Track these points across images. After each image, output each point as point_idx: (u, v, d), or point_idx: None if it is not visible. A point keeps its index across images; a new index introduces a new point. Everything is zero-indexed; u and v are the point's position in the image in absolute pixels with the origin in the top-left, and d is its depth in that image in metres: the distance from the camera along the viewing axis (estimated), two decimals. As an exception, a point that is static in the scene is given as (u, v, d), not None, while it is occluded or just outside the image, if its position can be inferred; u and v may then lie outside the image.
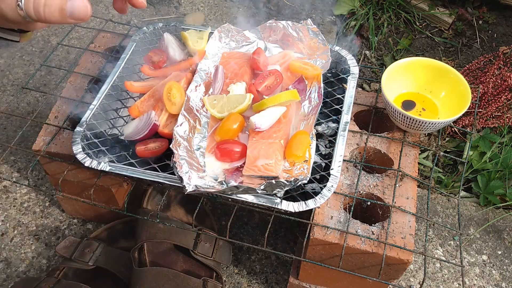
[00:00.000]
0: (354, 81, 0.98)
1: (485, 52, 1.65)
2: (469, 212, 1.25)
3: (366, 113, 1.02)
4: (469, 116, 1.30)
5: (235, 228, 1.19)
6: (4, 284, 1.09)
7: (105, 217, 1.15)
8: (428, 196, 0.88)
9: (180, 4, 1.81)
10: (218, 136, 0.86)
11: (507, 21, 1.76)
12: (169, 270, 0.94)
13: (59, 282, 0.95)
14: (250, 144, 0.83)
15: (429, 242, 1.19)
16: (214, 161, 0.84)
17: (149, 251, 0.98)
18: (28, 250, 1.15)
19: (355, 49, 1.67)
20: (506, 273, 1.14)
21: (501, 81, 1.32)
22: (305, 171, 0.80)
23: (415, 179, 0.89)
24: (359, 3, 1.77)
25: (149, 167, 0.85)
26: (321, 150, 0.92)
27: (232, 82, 0.94)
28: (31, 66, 1.57)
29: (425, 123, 0.89)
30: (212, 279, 0.98)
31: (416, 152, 0.94)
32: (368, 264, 0.83)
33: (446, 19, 1.72)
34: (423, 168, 1.31)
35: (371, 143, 0.95)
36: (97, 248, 1.01)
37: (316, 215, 0.84)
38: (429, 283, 1.12)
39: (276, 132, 0.85)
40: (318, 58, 1.01)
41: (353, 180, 0.89)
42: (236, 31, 1.05)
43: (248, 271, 1.12)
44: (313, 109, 0.91)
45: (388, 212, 0.84)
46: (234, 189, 0.76)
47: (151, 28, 1.09)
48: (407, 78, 0.99)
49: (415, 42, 1.71)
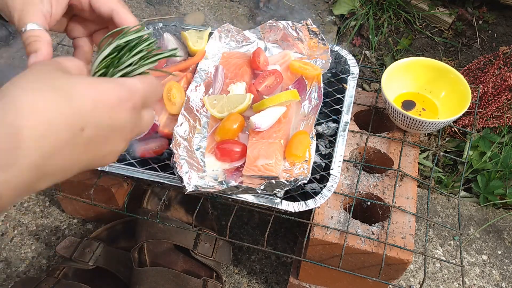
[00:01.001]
0: (354, 81, 0.98)
1: (485, 52, 1.65)
2: (469, 212, 1.25)
3: (366, 113, 1.02)
4: (469, 116, 1.30)
5: (235, 228, 1.19)
6: (4, 284, 1.09)
7: (105, 217, 1.15)
8: (428, 196, 0.88)
9: (180, 4, 1.81)
10: (218, 136, 0.86)
11: (507, 21, 1.76)
12: (169, 270, 0.94)
13: (59, 282, 0.95)
14: (250, 144, 0.83)
15: (429, 242, 1.19)
16: (214, 161, 0.84)
17: (149, 251, 0.98)
18: (28, 250, 1.15)
19: (355, 49, 1.67)
20: (506, 273, 1.14)
21: (501, 81, 1.32)
22: (305, 171, 0.80)
23: (415, 179, 0.89)
24: (359, 3, 1.77)
25: (149, 167, 0.85)
26: (321, 150, 0.92)
27: (232, 82, 0.94)
28: (31, 66, 1.57)
29: (425, 123, 0.88)
30: (212, 279, 0.98)
31: (416, 152, 0.94)
32: (368, 264, 0.83)
33: (446, 19, 1.72)
34: (423, 168, 1.31)
35: (371, 143, 0.95)
36: (97, 248, 1.01)
37: (316, 215, 0.84)
38: (429, 283, 1.12)
39: (276, 132, 0.85)
40: (318, 58, 1.01)
41: (353, 180, 0.89)
42: (236, 31, 1.05)
43: (248, 271, 1.12)
44: (313, 109, 0.91)
45: (388, 212, 0.84)
46: (234, 189, 0.76)
47: (151, 28, 1.09)
48: (407, 78, 0.99)
49: (415, 42, 1.71)
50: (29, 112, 0.37)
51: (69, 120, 0.39)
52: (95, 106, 0.41)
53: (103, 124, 0.43)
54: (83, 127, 0.41)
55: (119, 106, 0.44)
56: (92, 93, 0.42)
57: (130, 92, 0.45)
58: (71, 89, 0.40)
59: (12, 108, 0.36)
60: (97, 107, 0.42)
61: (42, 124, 0.37)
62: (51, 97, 0.39)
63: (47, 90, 0.39)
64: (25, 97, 0.37)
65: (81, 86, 0.41)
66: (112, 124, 0.44)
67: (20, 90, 0.38)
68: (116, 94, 0.44)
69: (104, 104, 0.42)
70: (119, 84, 0.45)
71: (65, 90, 0.40)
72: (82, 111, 0.40)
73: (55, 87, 0.40)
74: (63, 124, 0.39)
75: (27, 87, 0.39)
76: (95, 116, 0.42)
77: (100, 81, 0.44)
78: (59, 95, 0.39)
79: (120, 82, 0.45)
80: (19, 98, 0.37)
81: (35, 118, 0.37)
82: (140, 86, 0.47)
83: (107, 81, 0.45)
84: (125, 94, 0.45)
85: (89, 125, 0.41)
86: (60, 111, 0.38)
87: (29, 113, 0.37)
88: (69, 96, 0.40)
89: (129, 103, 0.45)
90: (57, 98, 0.39)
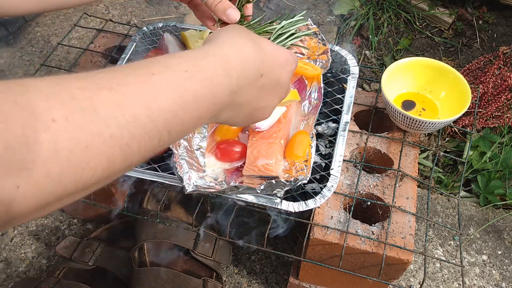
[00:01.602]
0: (354, 81, 0.98)
1: (485, 52, 1.65)
2: (469, 212, 1.25)
3: (366, 113, 1.02)
4: (469, 116, 1.30)
5: (235, 228, 1.19)
6: (4, 284, 1.09)
7: (105, 217, 1.15)
8: (428, 196, 0.88)
9: (180, 4, 1.81)
10: (218, 136, 0.86)
11: (507, 21, 1.76)
12: (169, 270, 0.94)
13: (59, 282, 0.95)
14: (250, 144, 0.83)
15: (429, 242, 1.19)
16: (214, 161, 0.84)
17: (149, 251, 0.98)
18: (28, 250, 1.15)
19: (355, 49, 1.67)
20: (506, 273, 1.14)
21: (501, 81, 1.32)
22: (305, 171, 0.80)
23: (415, 179, 0.89)
24: (359, 3, 1.77)
25: (149, 167, 0.85)
26: (321, 150, 0.92)
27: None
28: (31, 66, 1.57)
29: (425, 123, 0.88)
30: (212, 279, 0.98)
31: (416, 152, 0.94)
32: (368, 264, 0.83)
33: (446, 19, 1.72)
34: (423, 168, 1.31)
35: (371, 143, 0.95)
36: (97, 248, 1.01)
37: (316, 215, 0.84)
38: (429, 283, 1.12)
39: (276, 132, 0.84)
40: (318, 58, 1.01)
41: (353, 180, 0.89)
42: (236, 31, 1.05)
43: (248, 271, 1.12)
44: (313, 109, 0.91)
45: (388, 212, 0.84)
46: (234, 189, 0.76)
47: (151, 28, 1.09)
48: (407, 78, 0.99)
49: (415, 42, 1.71)
50: (236, 50, 0.49)
51: (257, 65, 0.51)
52: (273, 61, 0.54)
53: (274, 77, 0.54)
54: (262, 74, 0.52)
55: (285, 67, 0.56)
56: (273, 50, 0.54)
57: (294, 59, 0.59)
58: (261, 43, 0.53)
59: (225, 45, 0.49)
60: (274, 62, 0.54)
61: (242, 61, 0.49)
62: (249, 44, 0.51)
63: (246, 38, 0.51)
64: (232, 40, 0.50)
65: (267, 43, 0.54)
66: (278, 79, 0.55)
67: (228, 36, 0.51)
68: (286, 56, 0.57)
69: (277, 62, 0.55)
70: (288, 51, 0.58)
71: (257, 42, 0.52)
72: (266, 61, 0.52)
73: (251, 39, 0.52)
74: (252, 66, 0.50)
75: (233, 35, 0.51)
76: (271, 68, 0.53)
77: (275, 45, 0.57)
78: (254, 45, 0.51)
79: (288, 50, 0.58)
80: (230, 40, 0.50)
81: (238, 55, 0.49)
82: (296, 58, 0.60)
83: (279, 46, 0.57)
84: (291, 59, 0.58)
85: (267, 73, 0.53)
86: (253, 56, 0.51)
87: (236, 50, 0.49)
88: (260, 47, 0.52)
89: (291, 67, 0.58)
90: (253, 46, 0.51)
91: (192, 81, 0.42)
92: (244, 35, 0.52)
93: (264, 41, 0.54)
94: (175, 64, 0.42)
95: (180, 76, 0.41)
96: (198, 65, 0.44)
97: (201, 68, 0.44)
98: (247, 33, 0.53)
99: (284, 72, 0.56)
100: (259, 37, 0.54)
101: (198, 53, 0.46)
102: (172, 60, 0.43)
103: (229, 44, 0.49)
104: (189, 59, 0.44)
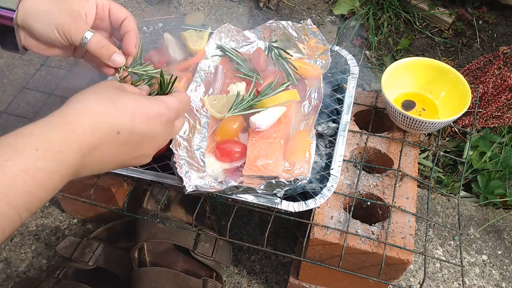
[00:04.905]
0: (354, 81, 0.98)
1: (485, 52, 1.65)
2: (469, 212, 1.25)
3: (366, 113, 1.02)
4: (469, 116, 1.30)
5: (235, 228, 1.19)
6: (4, 284, 1.09)
7: (105, 217, 1.15)
8: (428, 196, 0.88)
9: (180, 4, 1.81)
10: (218, 136, 0.86)
11: (507, 21, 1.76)
12: (169, 270, 0.94)
13: (59, 282, 0.95)
14: (250, 144, 0.83)
15: (429, 242, 1.19)
16: (214, 161, 0.84)
17: (149, 251, 0.98)
18: (28, 250, 1.15)
19: (355, 49, 1.68)
20: (506, 273, 1.14)
21: (501, 81, 1.32)
22: (305, 171, 0.80)
23: (415, 179, 0.89)
24: (359, 3, 1.77)
25: (149, 167, 0.85)
26: (321, 150, 0.92)
27: (232, 82, 0.94)
28: (31, 66, 1.57)
29: (425, 123, 0.89)
30: (212, 279, 0.98)
31: (416, 152, 0.94)
32: (368, 264, 0.83)
33: (446, 19, 1.72)
34: (423, 168, 1.31)
35: (371, 143, 0.95)
36: (97, 248, 1.01)
37: (316, 215, 0.84)
38: (429, 283, 1.12)
39: (276, 132, 0.85)
40: (318, 58, 1.01)
41: (353, 180, 0.89)
42: (236, 31, 1.05)
43: (248, 271, 1.12)
44: (313, 109, 0.91)
45: (388, 212, 0.84)
46: (234, 189, 0.76)
47: (151, 28, 1.09)
48: (407, 78, 0.99)
49: (415, 42, 1.71)
50: (83, 115, 0.50)
51: (110, 124, 0.51)
52: (133, 116, 0.53)
53: (138, 131, 0.54)
54: (119, 131, 0.52)
55: (156, 119, 0.56)
56: (132, 106, 0.54)
57: (167, 109, 0.57)
58: (118, 101, 0.53)
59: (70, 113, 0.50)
60: (134, 117, 0.53)
61: (90, 124, 0.50)
62: (103, 103, 0.52)
63: (101, 99, 0.52)
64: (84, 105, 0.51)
65: (126, 101, 0.54)
66: (147, 132, 0.55)
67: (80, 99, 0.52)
68: (156, 109, 0.56)
69: (141, 116, 0.54)
70: (159, 101, 0.57)
71: (113, 101, 0.53)
72: (121, 118, 0.52)
73: (107, 98, 0.53)
74: (105, 126, 0.51)
75: (87, 97, 0.52)
76: (133, 124, 0.53)
77: (144, 98, 0.56)
78: (108, 104, 0.52)
79: (160, 100, 0.58)
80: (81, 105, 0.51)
81: (85, 119, 0.50)
82: (176, 102, 0.59)
83: (150, 98, 0.57)
84: (163, 110, 0.57)
85: (126, 130, 0.53)
86: (104, 115, 0.51)
87: (83, 115, 0.50)
88: (116, 106, 0.52)
89: (165, 117, 0.57)
90: (106, 105, 0.52)
91: (43, 160, 0.45)
92: (102, 95, 0.53)
93: (125, 98, 0.54)
94: (25, 144, 0.45)
95: (31, 157, 0.44)
96: (46, 142, 0.46)
97: (50, 144, 0.46)
98: (107, 92, 0.54)
99: (155, 124, 0.56)
100: (119, 95, 0.54)
101: (46, 127, 0.48)
102: (22, 140, 0.45)
103: (78, 109, 0.50)
104: (38, 135, 0.46)
